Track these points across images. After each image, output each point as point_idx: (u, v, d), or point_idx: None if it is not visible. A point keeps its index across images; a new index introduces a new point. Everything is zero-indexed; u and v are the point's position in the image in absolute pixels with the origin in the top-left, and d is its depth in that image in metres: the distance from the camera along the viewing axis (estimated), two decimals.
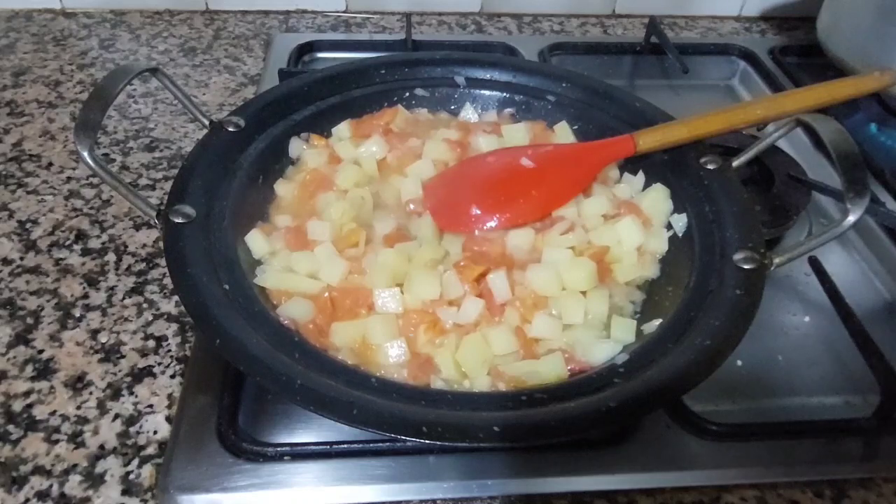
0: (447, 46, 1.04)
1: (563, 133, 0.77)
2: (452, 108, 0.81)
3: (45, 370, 0.61)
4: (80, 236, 0.74)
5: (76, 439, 0.56)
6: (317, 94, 0.75)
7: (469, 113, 0.80)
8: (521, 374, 0.55)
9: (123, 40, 1.09)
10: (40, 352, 0.63)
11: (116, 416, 0.58)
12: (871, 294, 0.73)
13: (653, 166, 0.70)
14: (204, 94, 0.98)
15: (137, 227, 0.76)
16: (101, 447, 0.56)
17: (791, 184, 0.76)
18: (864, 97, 0.78)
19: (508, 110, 0.80)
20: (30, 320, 0.65)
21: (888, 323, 0.69)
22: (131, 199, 0.57)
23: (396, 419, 0.46)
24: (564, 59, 1.06)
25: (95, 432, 0.57)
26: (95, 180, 0.81)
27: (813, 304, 0.70)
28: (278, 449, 0.53)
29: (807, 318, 0.69)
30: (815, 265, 0.70)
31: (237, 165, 0.66)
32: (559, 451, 0.54)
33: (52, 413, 0.58)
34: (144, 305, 0.67)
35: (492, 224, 0.65)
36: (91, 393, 0.59)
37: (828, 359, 0.65)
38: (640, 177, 0.71)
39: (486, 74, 0.81)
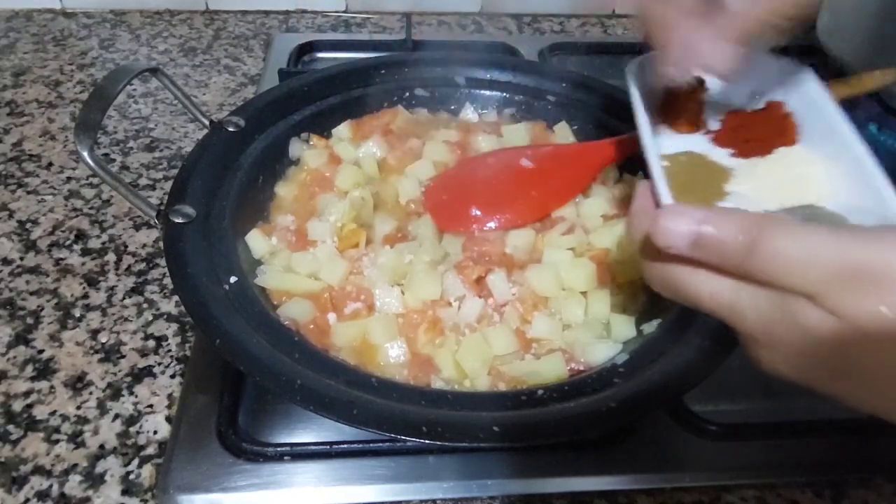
0: (447, 46, 1.04)
1: (563, 133, 0.77)
2: (452, 108, 0.81)
3: (45, 370, 0.61)
4: (80, 236, 0.74)
5: (76, 439, 0.56)
6: (317, 94, 0.75)
7: (469, 113, 0.80)
8: (521, 374, 0.55)
9: (123, 40, 1.09)
10: (40, 352, 0.63)
11: (116, 416, 0.58)
12: None
13: None
14: (204, 94, 0.98)
15: (137, 227, 0.76)
16: (101, 447, 0.56)
17: None
18: (864, 97, 0.78)
19: (508, 110, 0.80)
20: (30, 320, 0.65)
21: None
22: (131, 199, 0.57)
23: (396, 419, 0.46)
24: (564, 59, 1.06)
25: (95, 432, 0.57)
26: (95, 180, 0.81)
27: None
28: (278, 449, 0.53)
29: None
30: None
31: (237, 165, 0.66)
32: (559, 451, 0.54)
33: (52, 413, 0.58)
34: (144, 305, 0.67)
35: (492, 224, 0.65)
36: (91, 393, 0.59)
37: None
38: (640, 177, 0.71)
39: (486, 74, 0.81)
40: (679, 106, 0.48)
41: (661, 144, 0.45)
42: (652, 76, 0.48)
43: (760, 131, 0.46)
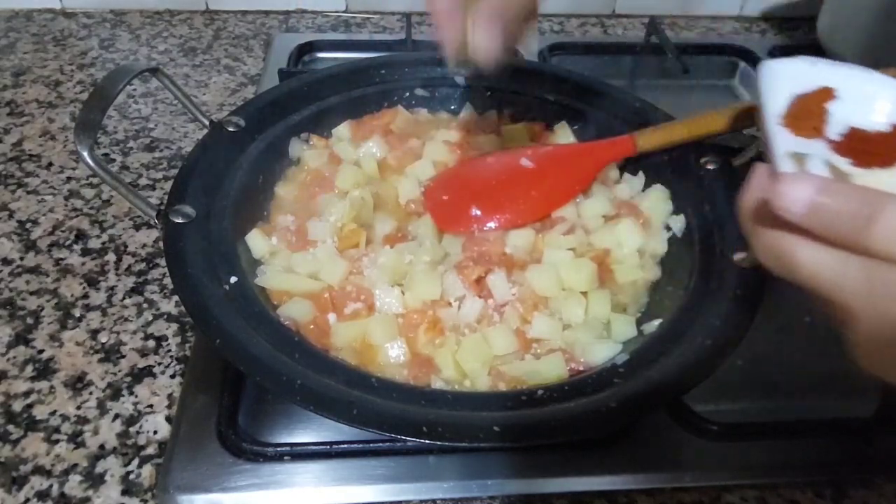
0: None
1: (563, 133, 0.77)
2: (452, 108, 0.81)
3: (45, 370, 0.61)
4: (80, 236, 0.74)
5: (76, 439, 0.56)
6: (317, 94, 0.75)
7: (469, 113, 0.80)
8: (521, 374, 0.55)
9: (123, 40, 1.09)
10: (40, 352, 0.63)
11: (116, 416, 0.58)
12: None
13: (653, 166, 0.70)
14: (204, 94, 0.98)
15: (137, 227, 0.76)
16: (101, 447, 0.56)
17: None
18: None
19: (508, 110, 0.80)
20: (30, 320, 0.65)
21: None
22: (131, 199, 0.57)
23: (396, 419, 0.46)
24: (564, 59, 1.06)
25: (95, 432, 0.57)
26: (95, 180, 0.81)
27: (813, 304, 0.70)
28: (278, 449, 0.53)
29: (807, 318, 0.69)
30: None
31: (237, 165, 0.66)
32: (559, 451, 0.54)
33: (52, 413, 0.58)
34: (144, 305, 0.67)
35: (492, 225, 0.65)
36: (91, 393, 0.59)
37: (828, 359, 0.65)
38: (640, 177, 0.71)
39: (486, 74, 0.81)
40: (807, 110, 0.48)
41: (782, 140, 0.45)
42: (784, 80, 0.47)
43: (884, 146, 0.46)
